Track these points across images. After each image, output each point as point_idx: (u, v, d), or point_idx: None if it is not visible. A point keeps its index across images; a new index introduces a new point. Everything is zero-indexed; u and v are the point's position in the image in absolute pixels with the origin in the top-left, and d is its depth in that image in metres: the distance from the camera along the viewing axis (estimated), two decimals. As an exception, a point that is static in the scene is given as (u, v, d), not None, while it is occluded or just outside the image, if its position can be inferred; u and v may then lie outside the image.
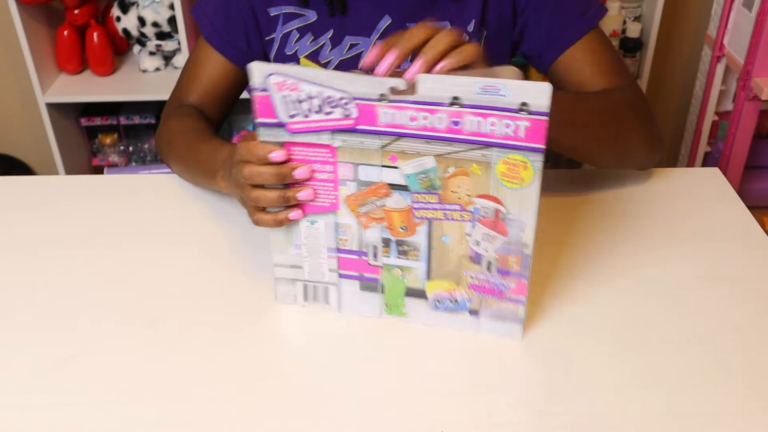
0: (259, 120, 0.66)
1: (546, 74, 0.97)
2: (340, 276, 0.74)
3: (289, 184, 0.69)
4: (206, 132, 0.92)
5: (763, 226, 0.88)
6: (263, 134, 0.67)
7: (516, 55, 0.99)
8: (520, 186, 0.64)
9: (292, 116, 0.65)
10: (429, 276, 0.71)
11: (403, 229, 0.70)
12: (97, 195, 0.97)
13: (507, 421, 0.64)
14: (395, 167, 0.66)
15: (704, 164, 1.95)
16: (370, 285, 0.74)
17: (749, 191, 1.82)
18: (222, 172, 0.82)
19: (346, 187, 0.69)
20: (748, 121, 1.71)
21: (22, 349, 0.72)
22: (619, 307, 0.76)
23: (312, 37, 0.94)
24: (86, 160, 2.16)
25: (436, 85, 0.61)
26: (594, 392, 0.66)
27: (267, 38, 0.97)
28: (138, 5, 1.89)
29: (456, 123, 0.62)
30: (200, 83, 0.98)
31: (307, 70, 0.64)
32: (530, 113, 0.60)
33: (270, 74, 0.64)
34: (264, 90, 0.65)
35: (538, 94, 0.59)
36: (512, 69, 0.69)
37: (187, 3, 1.82)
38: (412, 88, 0.62)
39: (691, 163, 1.97)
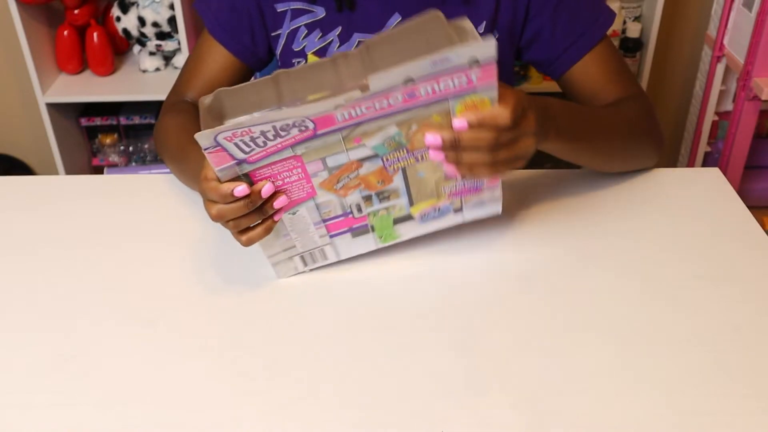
0: (218, 169, 0.68)
1: (558, 81, 0.97)
2: (331, 236, 0.78)
3: None
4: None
5: (763, 226, 0.88)
6: (224, 176, 0.69)
7: (520, 60, 0.99)
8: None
9: (248, 152, 0.67)
10: (411, 204, 0.77)
11: (380, 183, 0.73)
12: (97, 195, 0.97)
13: (507, 421, 0.64)
14: (362, 146, 0.69)
15: (704, 164, 1.95)
16: (360, 230, 0.79)
17: (749, 191, 1.82)
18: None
19: (318, 177, 0.71)
20: (748, 121, 1.71)
21: (22, 349, 0.72)
22: (619, 307, 0.76)
23: (320, 34, 0.94)
24: (86, 160, 2.16)
25: (388, 79, 0.63)
26: (594, 392, 0.66)
27: (273, 34, 0.97)
28: (138, 5, 1.89)
29: (411, 95, 0.65)
30: (201, 77, 0.98)
31: (251, 117, 0.65)
32: (480, 65, 0.63)
33: (217, 134, 0.64)
34: (215, 146, 0.65)
35: (486, 48, 0.62)
36: (463, 19, 0.71)
37: (187, 3, 1.82)
38: (365, 88, 0.63)
39: (691, 163, 1.97)
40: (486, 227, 0.87)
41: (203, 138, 0.64)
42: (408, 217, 0.78)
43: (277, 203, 0.71)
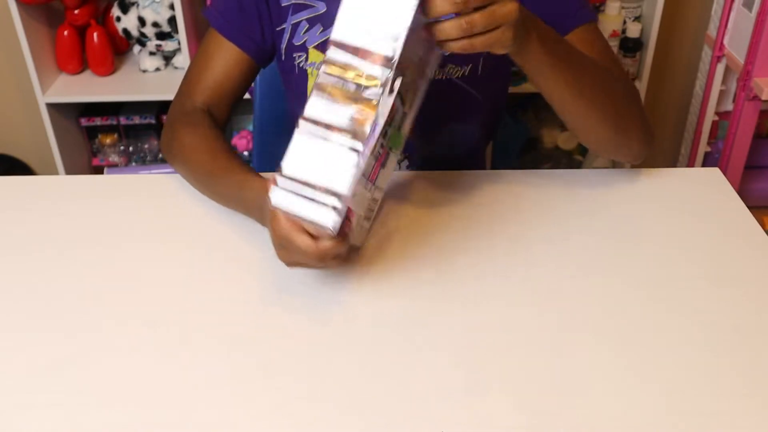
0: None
1: None
2: (374, 182, 0.75)
3: None
4: (223, 153, 0.90)
5: (763, 226, 0.88)
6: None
7: None
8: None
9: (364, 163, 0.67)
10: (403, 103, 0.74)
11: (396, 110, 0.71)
12: (97, 195, 0.97)
13: (507, 421, 0.64)
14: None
15: (704, 164, 1.95)
16: (385, 160, 0.75)
17: (749, 191, 1.82)
18: (258, 216, 0.83)
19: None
20: (748, 121, 1.71)
21: (23, 349, 0.72)
22: (619, 307, 0.76)
23: (321, 28, 0.94)
24: (86, 160, 2.16)
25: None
26: (594, 392, 0.66)
27: (278, 29, 0.97)
28: (138, 5, 1.89)
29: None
30: (211, 77, 0.97)
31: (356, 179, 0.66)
32: None
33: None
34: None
35: None
36: None
37: (187, 3, 1.82)
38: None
39: (691, 163, 1.97)
40: (486, 227, 0.87)
41: (334, 223, 0.65)
42: (404, 116, 0.76)
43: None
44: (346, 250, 0.72)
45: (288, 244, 0.70)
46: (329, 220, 0.65)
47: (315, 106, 0.67)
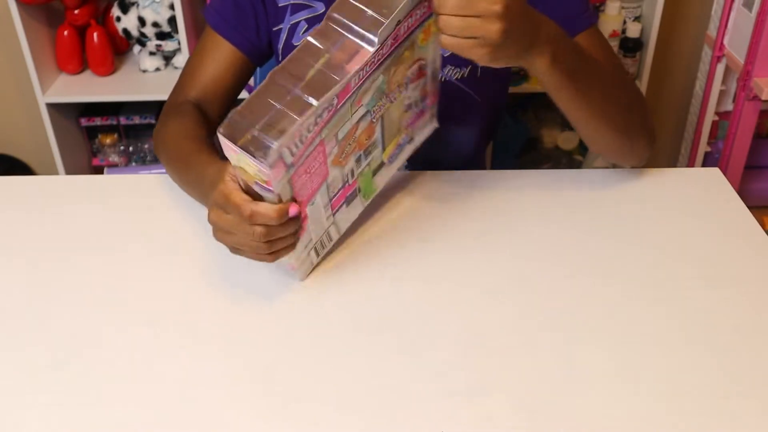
0: (276, 182, 0.66)
1: None
2: (334, 214, 0.79)
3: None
4: (201, 141, 0.89)
5: (763, 226, 0.88)
6: (277, 189, 0.67)
7: None
8: (430, 41, 0.75)
9: (295, 153, 0.67)
10: (384, 149, 0.80)
11: (368, 139, 0.76)
12: (97, 195, 0.97)
13: (507, 421, 0.64)
14: (361, 106, 0.71)
15: (704, 164, 1.95)
16: (352, 196, 0.80)
17: (749, 191, 1.82)
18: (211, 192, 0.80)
19: (330, 155, 0.72)
20: (748, 121, 1.71)
21: (22, 349, 0.72)
22: (619, 307, 0.76)
23: None
24: (86, 160, 2.16)
25: (389, 28, 0.66)
26: (594, 392, 0.66)
27: (274, 29, 0.97)
28: (138, 5, 1.89)
29: (395, 37, 0.68)
30: (206, 74, 0.97)
31: (307, 113, 0.65)
32: None
33: (281, 146, 0.64)
34: (277, 159, 0.65)
35: None
36: None
37: (187, 3, 1.82)
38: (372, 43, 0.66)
39: (691, 163, 1.97)
40: (486, 228, 0.87)
41: (271, 156, 0.63)
42: (381, 165, 0.81)
43: (293, 212, 0.69)
44: (282, 230, 0.70)
45: (225, 202, 0.69)
46: (268, 154, 0.63)
47: (292, 60, 0.67)
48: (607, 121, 0.86)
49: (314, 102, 0.64)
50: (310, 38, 0.67)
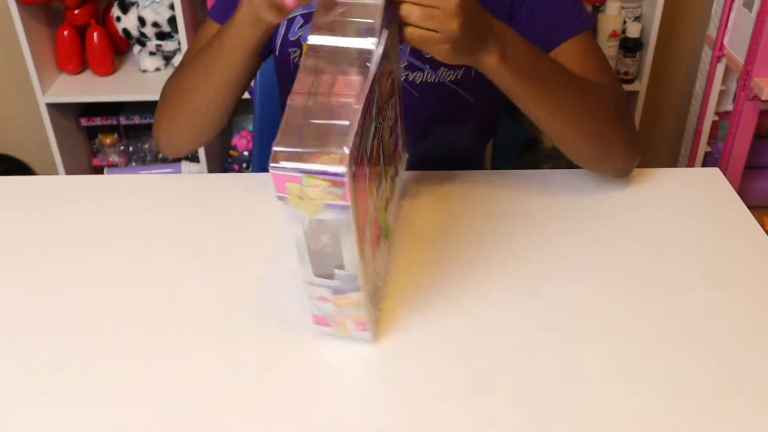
0: (348, 201, 0.59)
1: None
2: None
3: None
4: None
5: (763, 226, 0.88)
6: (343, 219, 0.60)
7: None
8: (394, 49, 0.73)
9: None
10: (385, 176, 0.74)
11: (378, 164, 0.70)
12: (97, 195, 0.97)
13: (507, 421, 0.64)
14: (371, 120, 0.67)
15: (704, 164, 1.95)
16: (379, 236, 0.74)
17: (749, 191, 1.82)
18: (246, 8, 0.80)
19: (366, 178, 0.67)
20: (748, 121, 1.71)
21: (22, 349, 0.72)
22: (619, 307, 0.76)
23: None
24: (86, 160, 2.16)
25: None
26: (594, 393, 0.66)
27: None
28: (138, 5, 1.89)
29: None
30: None
31: None
32: None
33: None
34: None
35: None
36: None
37: (187, 3, 1.82)
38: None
39: (691, 163, 1.97)
40: (485, 227, 0.87)
41: (345, 158, 0.57)
42: (386, 199, 0.76)
43: None
44: None
45: None
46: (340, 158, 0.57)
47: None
48: (573, 128, 0.86)
49: (354, 103, 0.60)
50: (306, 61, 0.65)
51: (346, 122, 0.59)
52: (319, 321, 0.69)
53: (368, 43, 0.64)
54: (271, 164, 0.57)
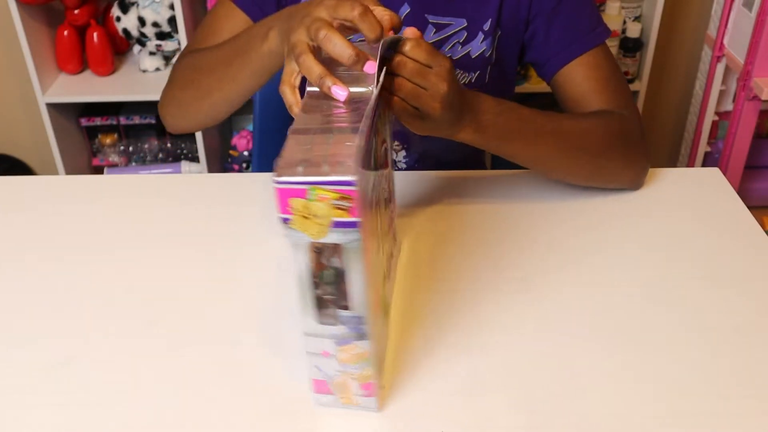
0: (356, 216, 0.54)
1: (549, 84, 0.97)
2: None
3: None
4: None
5: (763, 226, 0.88)
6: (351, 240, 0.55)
7: (523, 61, 1.00)
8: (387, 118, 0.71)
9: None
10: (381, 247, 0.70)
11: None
12: (97, 195, 0.97)
13: (507, 421, 0.64)
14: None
15: (704, 164, 1.95)
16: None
17: (749, 191, 1.83)
18: (278, 24, 0.75)
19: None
20: (748, 121, 1.71)
21: (22, 349, 0.72)
22: (619, 307, 0.76)
23: None
24: (86, 160, 2.16)
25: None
26: (593, 392, 0.66)
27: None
28: (138, 5, 1.89)
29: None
30: (217, 40, 0.91)
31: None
32: None
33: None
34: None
35: None
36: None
37: (187, 3, 1.82)
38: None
39: (691, 163, 1.97)
40: (485, 227, 0.87)
41: (353, 168, 0.53)
42: (384, 275, 0.71)
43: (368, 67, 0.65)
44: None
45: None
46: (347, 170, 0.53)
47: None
48: (564, 171, 0.90)
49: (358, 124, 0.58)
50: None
51: (352, 144, 0.55)
52: (320, 388, 0.64)
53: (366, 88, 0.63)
54: (275, 179, 0.53)
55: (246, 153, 2.10)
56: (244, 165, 2.10)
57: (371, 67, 0.64)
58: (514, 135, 0.82)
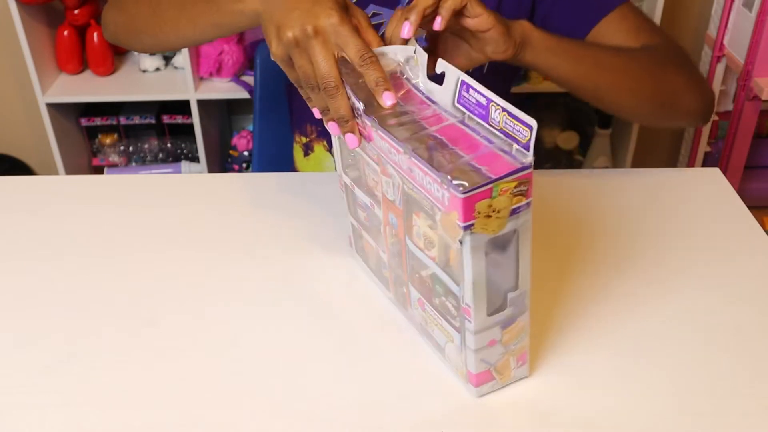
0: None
1: None
2: None
3: None
4: None
5: (763, 226, 0.88)
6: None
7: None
8: None
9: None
10: None
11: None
12: (97, 195, 0.97)
13: (507, 421, 0.64)
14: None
15: (704, 164, 1.95)
16: None
17: (749, 191, 1.83)
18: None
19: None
20: (748, 121, 1.71)
21: (23, 349, 0.72)
22: (619, 307, 0.76)
23: None
24: (86, 160, 2.16)
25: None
26: (594, 393, 0.66)
27: None
28: (138, 5, 1.89)
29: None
30: None
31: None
32: None
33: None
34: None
35: None
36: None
37: (187, 3, 1.82)
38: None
39: (691, 163, 1.97)
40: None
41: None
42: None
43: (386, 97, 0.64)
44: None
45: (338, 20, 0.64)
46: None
47: None
48: (625, 97, 0.86)
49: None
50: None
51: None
52: (481, 380, 0.63)
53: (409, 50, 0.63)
54: (463, 193, 0.51)
55: (246, 153, 2.10)
56: (244, 165, 2.10)
57: (390, 97, 0.62)
58: (568, 53, 0.80)
